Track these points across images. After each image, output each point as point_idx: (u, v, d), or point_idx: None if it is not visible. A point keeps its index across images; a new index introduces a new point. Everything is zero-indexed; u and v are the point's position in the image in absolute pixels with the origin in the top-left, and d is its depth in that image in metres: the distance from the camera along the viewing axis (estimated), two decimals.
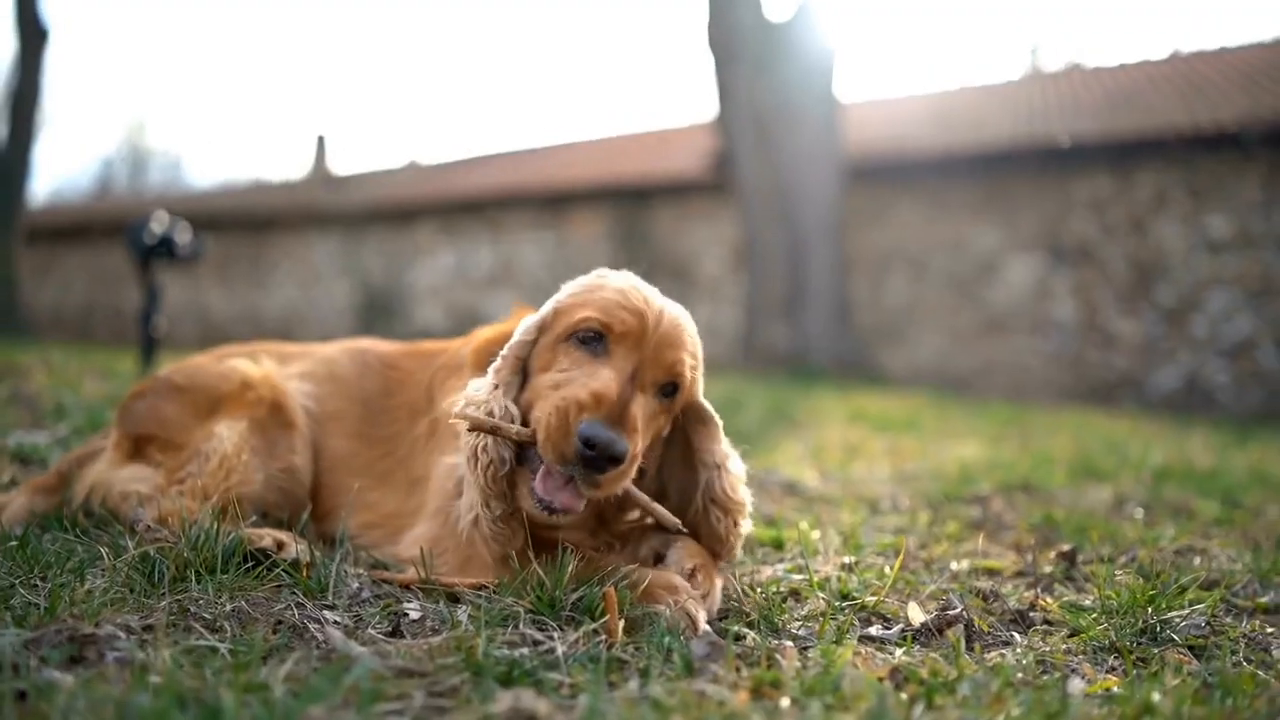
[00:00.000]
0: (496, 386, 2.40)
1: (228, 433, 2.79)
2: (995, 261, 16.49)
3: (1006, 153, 16.13)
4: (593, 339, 2.36)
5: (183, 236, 8.01)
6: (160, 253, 7.95)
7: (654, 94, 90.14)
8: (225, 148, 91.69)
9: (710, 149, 18.13)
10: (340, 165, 36.33)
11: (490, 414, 2.33)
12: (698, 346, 2.51)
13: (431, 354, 3.08)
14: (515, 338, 2.48)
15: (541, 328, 2.47)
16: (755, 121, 15.25)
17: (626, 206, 20.38)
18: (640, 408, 2.30)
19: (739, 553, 2.66)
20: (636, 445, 2.24)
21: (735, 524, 2.56)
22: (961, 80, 23.70)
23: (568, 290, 2.52)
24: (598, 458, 2.16)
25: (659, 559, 2.54)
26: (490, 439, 2.32)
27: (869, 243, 17.36)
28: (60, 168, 79.95)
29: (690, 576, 2.38)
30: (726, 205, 17.83)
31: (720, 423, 2.61)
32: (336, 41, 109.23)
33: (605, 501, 2.42)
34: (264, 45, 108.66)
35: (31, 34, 22.13)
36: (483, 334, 2.85)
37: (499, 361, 2.46)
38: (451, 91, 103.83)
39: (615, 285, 2.45)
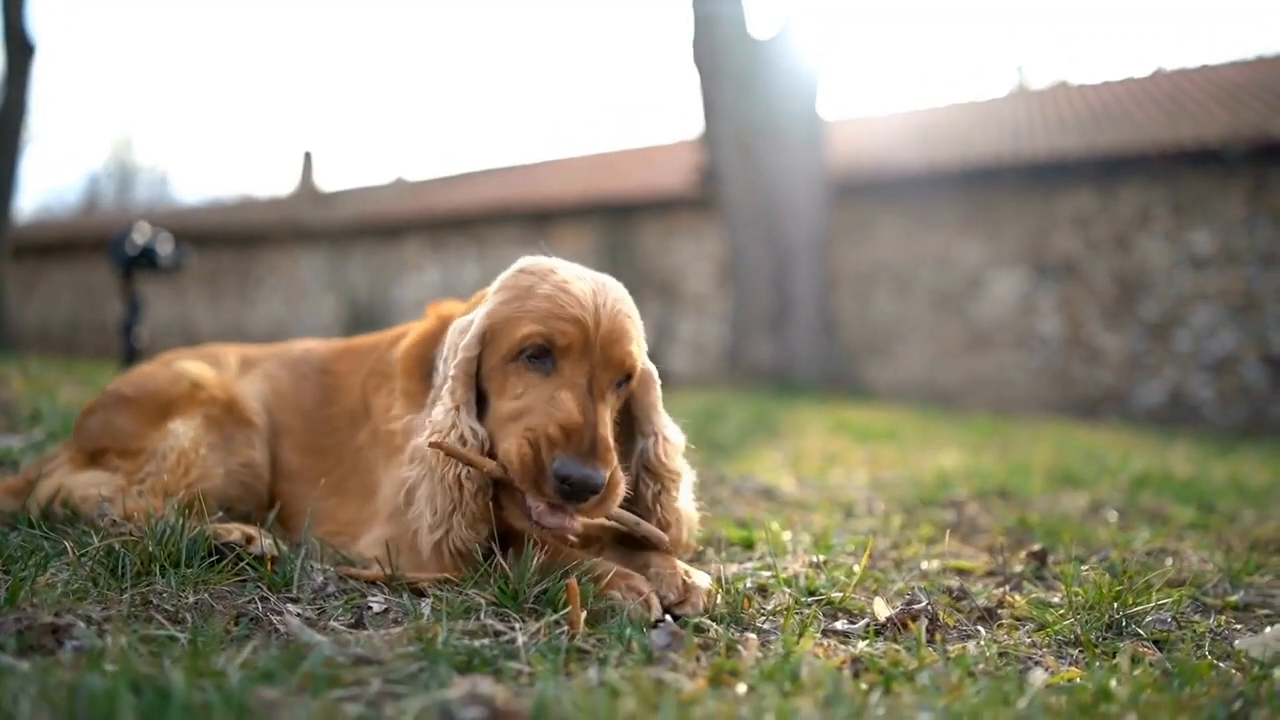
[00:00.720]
0: (458, 409, 2.37)
1: (184, 429, 2.79)
2: (980, 277, 16.54)
3: (991, 169, 16.19)
4: (539, 356, 2.33)
5: (164, 247, 7.99)
6: (142, 263, 7.93)
7: (639, 111, 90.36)
8: (212, 164, 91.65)
9: (695, 165, 18.16)
10: (327, 181, 36.30)
11: (462, 439, 2.33)
12: (636, 315, 2.49)
13: (362, 354, 3.04)
14: (460, 354, 2.42)
15: (484, 341, 2.42)
16: (740, 137, 15.29)
17: (612, 222, 20.40)
18: (605, 415, 2.30)
19: (684, 535, 2.59)
20: (612, 462, 2.23)
21: (667, 493, 2.52)
22: (947, 98, 23.78)
23: (499, 296, 2.45)
24: (578, 493, 2.17)
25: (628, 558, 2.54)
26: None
27: (854, 259, 17.40)
28: (47, 183, 79.85)
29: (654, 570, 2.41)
30: (712, 221, 17.86)
31: (659, 383, 2.58)
32: (323, 58, 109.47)
33: None
34: (251, 62, 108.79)
35: (18, 49, 22.06)
36: (405, 340, 2.81)
37: (450, 382, 2.41)
38: (438, 108, 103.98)
39: (546, 290, 2.36)
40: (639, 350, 2.43)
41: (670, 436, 2.57)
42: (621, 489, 2.27)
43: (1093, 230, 15.69)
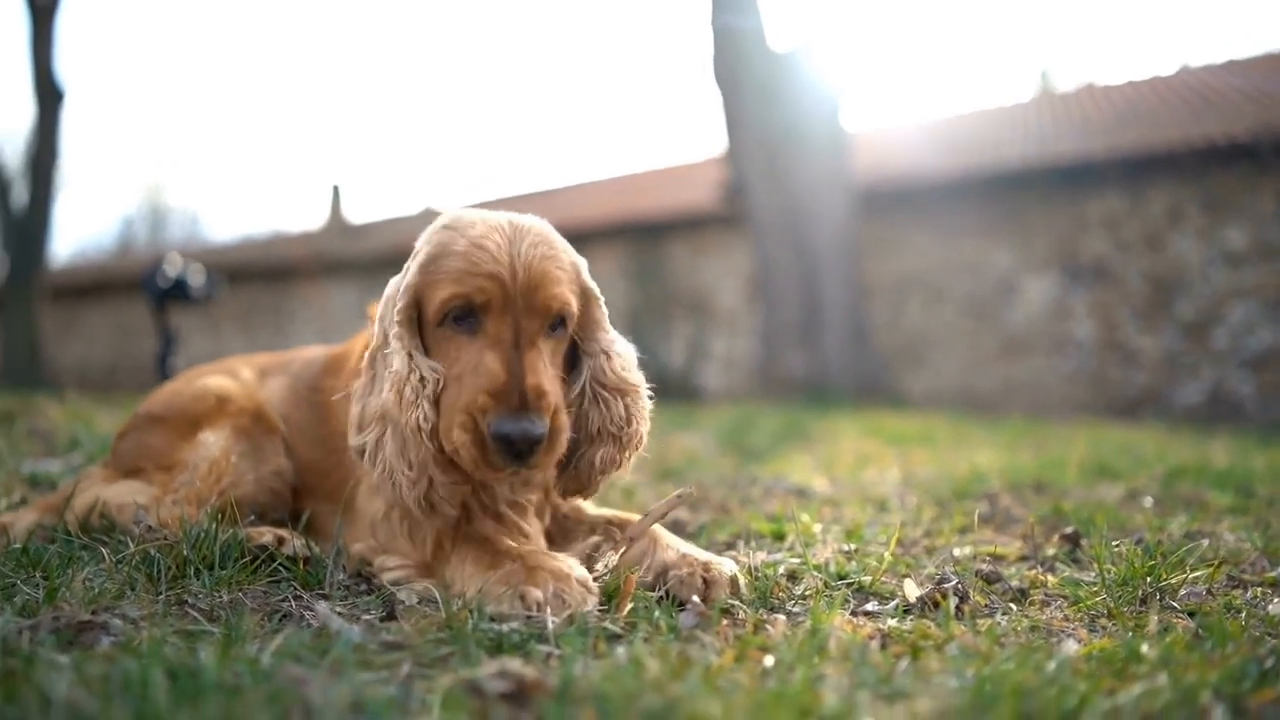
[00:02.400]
0: (410, 355, 2.36)
1: (214, 439, 2.83)
2: (1012, 283, 16.45)
3: (1018, 174, 16.12)
4: (463, 318, 2.32)
5: (196, 278, 8.09)
6: (175, 295, 8.03)
7: (665, 131, 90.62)
8: (242, 202, 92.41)
9: (721, 181, 18.19)
10: (356, 214, 36.57)
11: (423, 380, 2.33)
12: (561, 252, 2.44)
13: (341, 367, 3.00)
14: (397, 304, 2.41)
15: (416, 302, 2.41)
16: (765, 151, 15.29)
17: (641, 242, 20.42)
18: (536, 363, 2.27)
19: (642, 432, 2.53)
20: (549, 409, 2.22)
21: (633, 404, 2.48)
22: (971, 104, 23.66)
23: (421, 255, 2.43)
24: (520, 449, 2.17)
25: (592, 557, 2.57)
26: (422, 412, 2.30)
27: (885, 269, 17.36)
28: (82, 229, 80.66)
29: (609, 526, 2.55)
30: (740, 237, 17.85)
31: (601, 300, 2.54)
32: (349, 90, 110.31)
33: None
34: (276, 98, 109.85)
35: (48, 95, 22.44)
36: (359, 346, 2.83)
37: (396, 328, 2.40)
38: (464, 137, 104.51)
39: (461, 248, 2.34)
40: (567, 289, 2.39)
41: (620, 351, 2.52)
42: (565, 434, 2.26)
43: (1124, 231, 15.59)
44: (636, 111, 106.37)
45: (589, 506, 2.82)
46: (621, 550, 2.33)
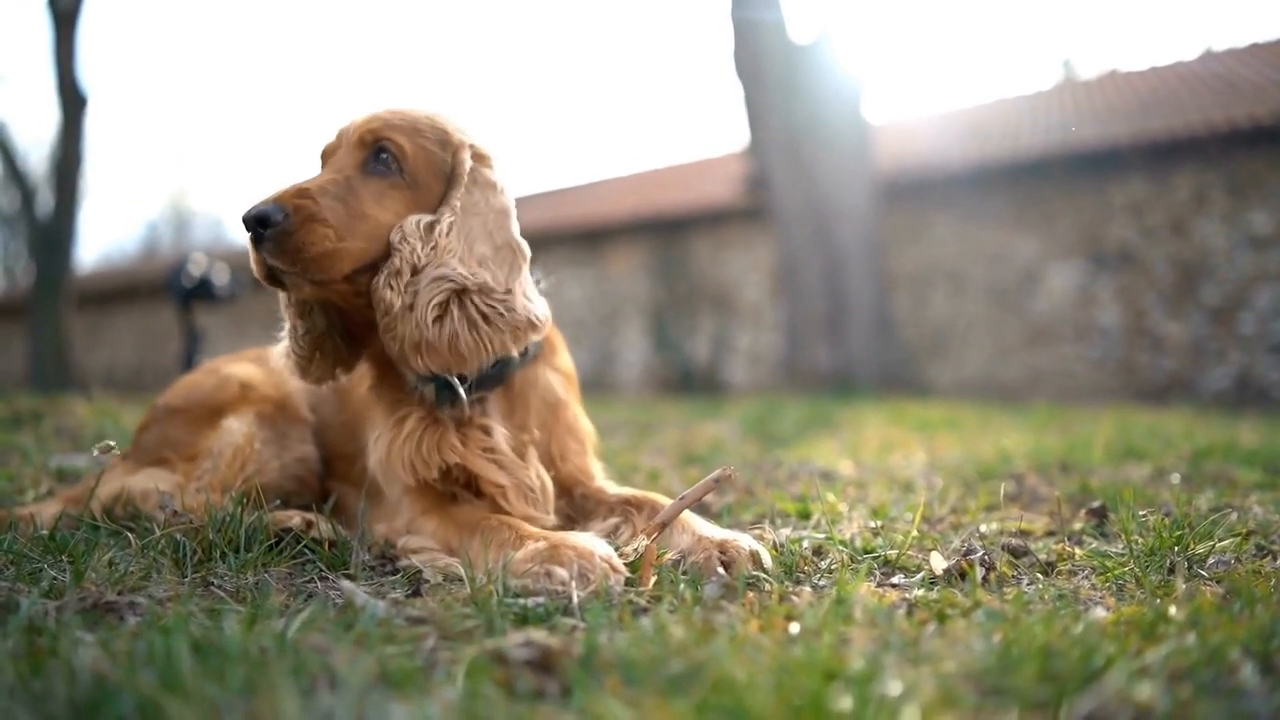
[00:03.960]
0: None
1: (238, 425, 2.83)
2: (1036, 271, 16.37)
3: (1041, 162, 16.04)
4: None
5: (220, 277, 8.13)
6: (200, 295, 8.07)
7: (687, 126, 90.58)
8: None
9: (744, 174, 18.17)
10: None
11: None
12: (434, 119, 2.55)
13: None
14: None
15: None
16: (787, 144, 15.26)
17: (664, 238, 20.42)
18: (321, 180, 2.39)
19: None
20: (289, 200, 2.30)
21: (430, 295, 2.41)
22: (993, 93, 23.58)
23: None
24: (250, 228, 2.30)
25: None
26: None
27: (909, 260, 17.31)
28: (107, 235, 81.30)
29: (626, 506, 2.59)
30: (763, 231, 17.83)
31: (489, 159, 2.65)
32: (370, 89, 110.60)
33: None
34: (297, 101, 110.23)
35: (71, 101, 22.59)
36: None
37: None
38: (484, 135, 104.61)
39: None
40: (391, 130, 2.47)
41: (457, 227, 2.48)
42: (310, 224, 2.30)
43: (1148, 217, 15.49)
44: (658, 107, 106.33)
45: (610, 486, 2.82)
46: (653, 535, 2.31)
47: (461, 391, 2.50)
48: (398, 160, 2.45)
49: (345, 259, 2.34)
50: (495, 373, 2.58)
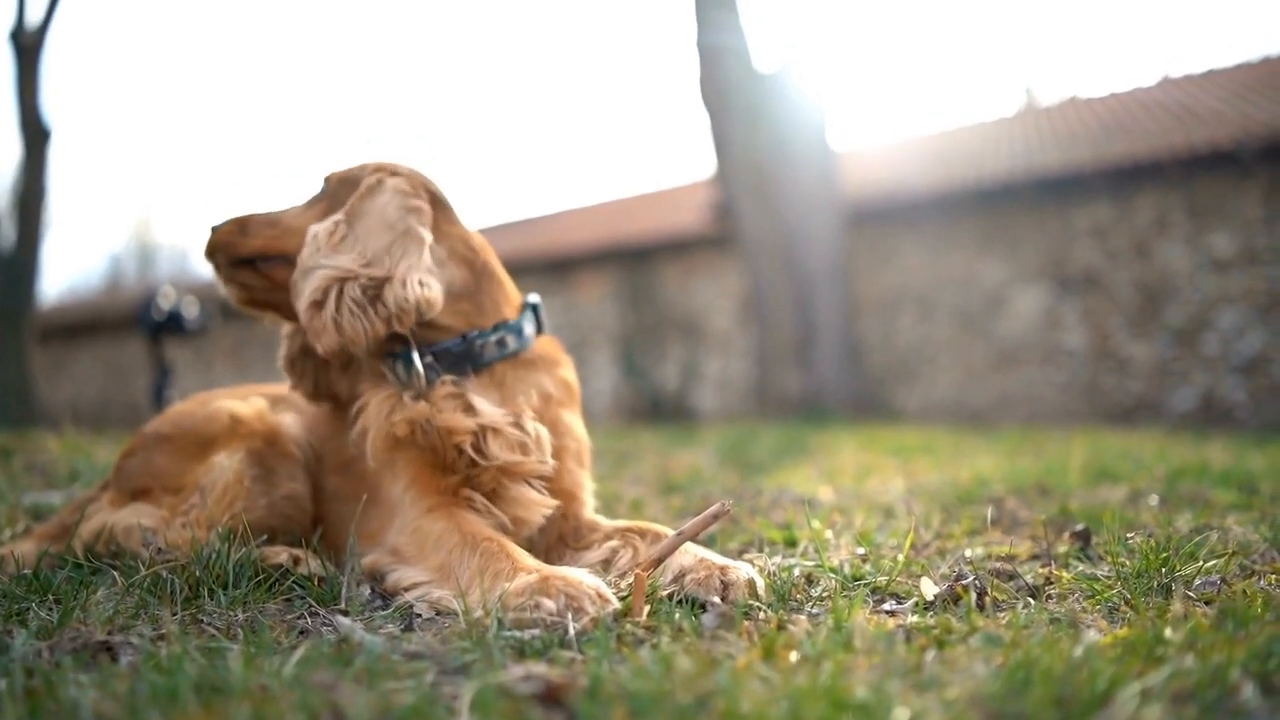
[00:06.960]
0: None
1: (228, 462, 2.79)
2: (1002, 295, 16.51)
3: (1005, 187, 16.19)
4: None
5: (190, 310, 8.09)
6: (169, 328, 8.03)
7: (654, 155, 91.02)
8: None
9: (711, 203, 18.25)
10: None
11: None
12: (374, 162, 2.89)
13: None
14: None
15: None
16: (753, 172, 15.35)
17: (631, 266, 20.46)
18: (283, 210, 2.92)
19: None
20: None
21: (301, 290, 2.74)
22: (957, 120, 23.78)
23: None
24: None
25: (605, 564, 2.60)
26: None
27: (876, 285, 17.42)
28: (71, 267, 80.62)
29: (628, 533, 2.64)
30: (731, 259, 17.91)
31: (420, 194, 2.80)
32: (336, 124, 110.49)
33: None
34: (263, 134, 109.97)
35: (34, 134, 22.44)
36: None
37: None
38: (452, 167, 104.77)
39: None
40: (338, 171, 2.97)
41: (330, 236, 2.72)
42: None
43: (1111, 240, 15.66)
44: (625, 136, 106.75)
45: (602, 518, 2.82)
46: (647, 570, 2.28)
47: (417, 362, 2.66)
48: (325, 184, 2.92)
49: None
50: (462, 350, 2.71)
